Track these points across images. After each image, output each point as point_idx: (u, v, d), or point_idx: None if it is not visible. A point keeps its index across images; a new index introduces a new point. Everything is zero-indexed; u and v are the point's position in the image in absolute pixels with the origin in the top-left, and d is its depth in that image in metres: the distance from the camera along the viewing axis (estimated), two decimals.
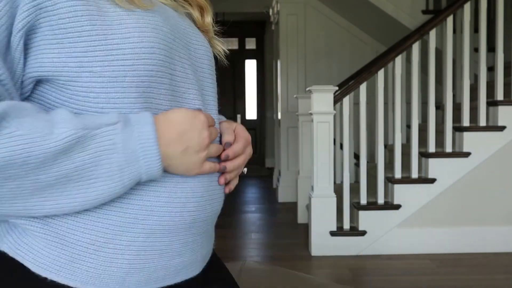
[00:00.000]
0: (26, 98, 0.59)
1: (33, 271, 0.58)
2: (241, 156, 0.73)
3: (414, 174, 3.27)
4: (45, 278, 0.58)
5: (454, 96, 3.61)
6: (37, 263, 0.59)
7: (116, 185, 0.57)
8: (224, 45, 0.81)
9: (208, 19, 0.77)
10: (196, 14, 0.76)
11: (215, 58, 0.78)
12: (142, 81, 0.60)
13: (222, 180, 0.70)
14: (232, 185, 0.74)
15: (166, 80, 0.63)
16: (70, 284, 0.59)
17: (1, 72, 0.54)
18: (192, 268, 0.69)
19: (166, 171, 0.62)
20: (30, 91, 0.59)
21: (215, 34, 0.81)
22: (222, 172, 0.71)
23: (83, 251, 0.59)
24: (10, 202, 0.54)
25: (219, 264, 0.82)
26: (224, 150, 0.71)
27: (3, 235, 0.61)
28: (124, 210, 0.60)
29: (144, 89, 0.61)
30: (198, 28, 0.76)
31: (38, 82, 0.59)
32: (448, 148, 3.26)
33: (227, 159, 0.70)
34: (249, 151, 0.75)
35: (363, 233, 3.24)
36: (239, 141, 0.73)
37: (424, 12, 4.11)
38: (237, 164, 0.72)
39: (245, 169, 0.78)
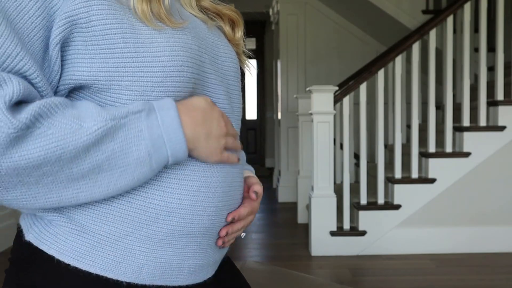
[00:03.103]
0: None
1: (57, 258, 0.62)
2: (242, 221, 0.75)
3: (414, 174, 3.27)
4: (68, 265, 0.62)
5: (454, 96, 3.61)
6: (61, 251, 0.62)
7: (145, 170, 0.59)
8: (251, 65, 0.85)
9: (239, 33, 0.79)
10: (227, 28, 0.78)
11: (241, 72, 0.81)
12: (169, 96, 0.63)
13: (220, 242, 0.71)
14: (228, 244, 0.75)
15: (191, 95, 0.66)
16: (90, 270, 0.62)
17: (38, 79, 0.57)
18: (204, 272, 0.71)
19: (190, 155, 0.65)
20: (65, 96, 0.63)
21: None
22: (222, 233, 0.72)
23: (104, 240, 0.62)
24: (45, 196, 0.57)
25: (233, 269, 0.84)
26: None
27: (29, 226, 0.65)
28: (146, 209, 0.63)
29: None
30: (229, 40, 0.78)
31: (78, 87, 0.62)
32: (448, 148, 3.26)
33: (232, 221, 0.72)
34: (251, 218, 0.77)
35: (363, 233, 3.24)
36: (246, 207, 0.75)
37: (424, 12, 4.11)
38: (236, 228, 0.73)
39: (244, 234, 0.80)
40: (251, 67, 0.85)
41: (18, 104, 0.54)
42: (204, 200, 0.66)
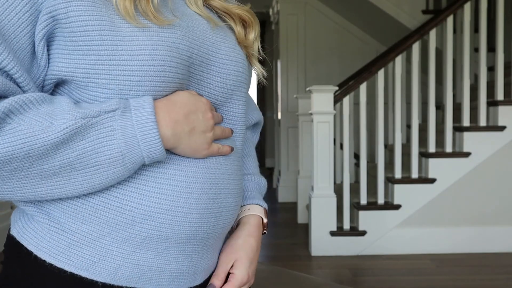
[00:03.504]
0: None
1: (35, 253, 0.63)
2: None
3: (414, 174, 3.27)
4: (44, 261, 0.62)
5: (454, 96, 3.61)
6: (39, 247, 0.63)
7: (119, 170, 0.59)
8: (262, 68, 0.80)
9: (251, 35, 0.76)
10: (238, 28, 0.75)
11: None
12: (149, 95, 0.61)
13: None
14: None
15: None
16: (65, 268, 0.62)
17: (18, 74, 0.57)
18: (190, 279, 0.68)
19: (174, 153, 0.63)
20: (51, 90, 0.63)
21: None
22: None
23: (81, 239, 0.62)
24: (21, 190, 0.57)
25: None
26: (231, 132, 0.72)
27: (15, 220, 0.67)
28: (121, 211, 0.62)
29: None
30: (239, 42, 0.75)
31: (62, 81, 0.63)
32: (448, 148, 3.26)
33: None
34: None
35: (363, 233, 3.24)
36: None
37: (424, 12, 4.11)
38: None
39: None
40: (259, 73, 0.80)
41: None
42: (184, 205, 0.63)
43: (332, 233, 3.24)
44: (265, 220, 0.82)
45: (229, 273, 0.73)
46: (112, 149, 0.57)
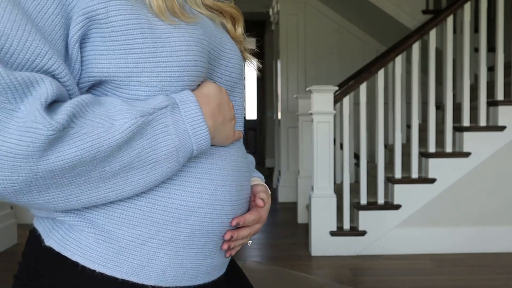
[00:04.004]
0: None
1: (81, 264, 0.61)
2: (248, 228, 0.73)
3: (414, 174, 3.27)
4: (94, 271, 0.61)
5: (454, 96, 3.61)
6: (86, 257, 0.61)
7: (173, 165, 0.60)
8: (255, 60, 0.85)
9: (239, 30, 0.80)
10: (229, 25, 0.78)
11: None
12: (186, 89, 0.64)
13: (225, 246, 0.70)
14: (234, 251, 0.74)
15: None
16: (116, 276, 0.62)
17: (66, 78, 0.56)
18: (218, 270, 0.72)
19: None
20: (86, 91, 0.62)
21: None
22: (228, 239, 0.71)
23: (128, 245, 0.62)
24: (77, 197, 0.57)
25: (236, 266, 0.84)
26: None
27: (49, 231, 0.64)
28: (168, 210, 0.63)
29: None
30: (232, 38, 0.78)
31: (98, 82, 0.62)
32: (448, 148, 3.26)
33: (237, 226, 0.71)
34: (258, 226, 0.76)
35: (363, 233, 3.24)
36: (253, 213, 0.74)
37: (424, 12, 4.11)
38: (242, 235, 0.72)
39: (250, 242, 0.80)
40: (255, 64, 0.86)
41: (50, 104, 0.53)
42: (221, 198, 0.67)
43: (332, 233, 3.24)
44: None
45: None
46: (168, 144, 0.59)
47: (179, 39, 0.62)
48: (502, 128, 3.23)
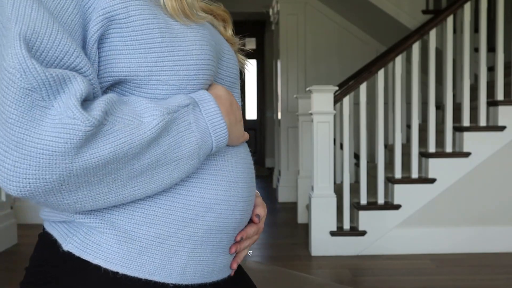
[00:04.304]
0: None
1: (104, 267, 0.61)
2: (248, 240, 0.76)
3: (414, 174, 3.27)
4: (116, 273, 0.61)
5: (454, 96, 3.61)
6: (108, 259, 0.61)
7: (195, 162, 0.62)
8: (247, 61, 0.86)
9: (230, 31, 0.81)
10: (221, 28, 0.79)
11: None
12: (201, 89, 0.66)
13: (233, 250, 0.72)
14: (235, 265, 0.75)
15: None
16: (140, 276, 0.62)
17: (91, 76, 0.56)
18: (228, 268, 0.73)
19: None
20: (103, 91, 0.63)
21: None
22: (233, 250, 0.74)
23: (149, 244, 0.62)
24: (105, 196, 0.57)
25: (241, 270, 0.85)
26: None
27: (66, 235, 0.63)
28: (187, 208, 0.64)
29: None
30: (226, 40, 0.80)
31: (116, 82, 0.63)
32: (448, 148, 3.26)
33: (240, 240, 0.73)
34: (256, 237, 0.79)
35: (363, 233, 3.24)
36: (253, 226, 0.76)
37: (424, 12, 4.11)
38: (244, 246, 0.75)
39: (251, 252, 0.83)
40: (249, 65, 0.88)
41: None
42: (236, 194, 0.68)
43: (332, 233, 3.24)
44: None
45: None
46: (191, 142, 0.61)
47: (193, 38, 0.64)
48: (502, 128, 3.23)
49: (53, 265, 0.63)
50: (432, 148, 3.28)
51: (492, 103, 3.27)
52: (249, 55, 0.87)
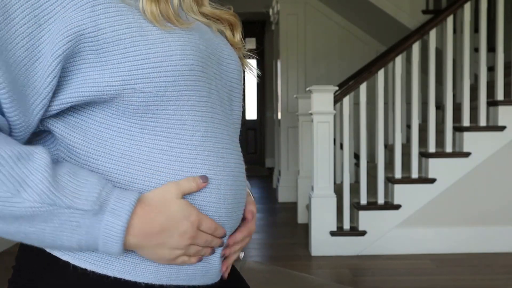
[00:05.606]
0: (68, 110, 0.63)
1: (72, 263, 0.62)
2: (238, 243, 0.74)
3: (414, 174, 3.27)
4: (85, 269, 0.62)
5: (454, 96, 3.61)
6: (77, 256, 0.62)
7: (71, 253, 0.61)
8: (253, 67, 0.86)
9: (238, 36, 0.80)
10: (228, 32, 0.78)
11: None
12: (182, 95, 0.63)
13: (223, 268, 0.72)
14: (226, 272, 0.74)
15: (204, 94, 0.67)
16: (108, 274, 0.62)
17: (6, 95, 0.54)
18: (216, 274, 0.71)
19: (202, 150, 0.66)
20: (75, 110, 0.62)
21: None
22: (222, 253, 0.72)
23: None
24: (13, 237, 0.57)
25: (235, 271, 0.84)
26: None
27: None
28: None
29: (184, 102, 0.64)
30: (231, 45, 0.79)
31: (82, 103, 0.61)
32: (448, 148, 3.26)
33: (226, 246, 0.72)
34: (248, 240, 0.77)
35: (363, 233, 3.24)
36: (242, 231, 0.74)
37: (424, 12, 4.11)
38: (233, 250, 0.73)
39: (242, 254, 0.80)
40: (254, 70, 0.86)
41: None
42: (215, 201, 0.67)
43: (332, 233, 3.24)
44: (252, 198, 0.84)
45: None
46: (72, 241, 0.57)
47: (174, 43, 0.62)
48: (502, 128, 3.23)
49: (30, 262, 0.64)
50: (432, 148, 3.28)
51: (492, 103, 3.27)
52: (249, 55, 0.86)
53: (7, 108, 0.55)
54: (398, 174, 3.28)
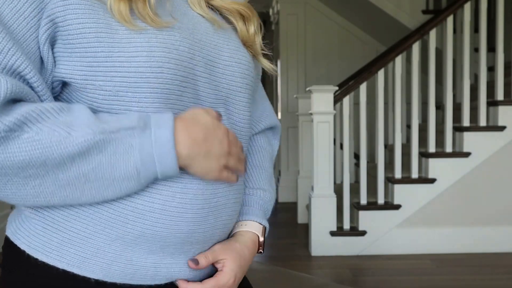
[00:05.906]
0: (56, 97, 0.65)
1: (27, 252, 0.64)
2: None
3: (414, 174, 3.27)
4: (36, 259, 0.63)
5: (454, 96, 3.61)
6: (31, 246, 0.64)
7: (133, 185, 0.60)
8: (271, 64, 0.81)
9: (251, 29, 0.76)
10: (239, 25, 0.75)
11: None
12: (146, 97, 0.62)
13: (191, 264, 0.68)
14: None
15: (173, 97, 0.64)
16: (57, 265, 0.63)
17: (31, 74, 0.58)
18: (189, 273, 0.68)
19: (184, 170, 0.63)
20: (59, 92, 0.64)
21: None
22: None
23: (74, 236, 0.63)
24: (33, 199, 0.59)
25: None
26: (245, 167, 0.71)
27: (11, 221, 0.69)
28: (114, 209, 0.63)
29: (149, 104, 0.62)
30: (245, 41, 0.75)
31: (64, 84, 0.64)
32: (448, 148, 3.26)
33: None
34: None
35: (363, 233, 3.24)
36: (206, 285, 0.69)
37: (424, 12, 4.11)
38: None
39: None
40: (272, 70, 0.80)
41: (14, 102, 0.56)
42: (179, 205, 0.64)
43: (332, 233, 3.24)
44: (261, 239, 0.81)
45: (215, 271, 0.72)
46: (128, 165, 0.58)
47: (141, 44, 0.61)
48: (502, 128, 3.23)
49: (3, 249, 0.68)
50: (432, 148, 3.28)
51: (492, 103, 3.27)
52: (264, 53, 0.80)
53: (35, 82, 0.59)
54: (398, 174, 3.28)
